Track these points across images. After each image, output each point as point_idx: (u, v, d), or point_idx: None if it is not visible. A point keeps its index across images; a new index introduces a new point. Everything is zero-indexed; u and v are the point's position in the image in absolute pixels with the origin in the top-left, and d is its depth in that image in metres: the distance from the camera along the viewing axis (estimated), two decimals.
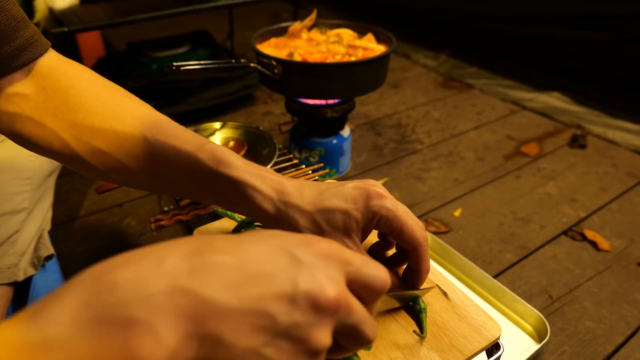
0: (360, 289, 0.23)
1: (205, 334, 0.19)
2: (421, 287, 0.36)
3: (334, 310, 0.21)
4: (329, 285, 0.21)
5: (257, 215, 0.34)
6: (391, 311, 0.38)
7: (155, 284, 0.18)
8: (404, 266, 0.38)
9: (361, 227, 0.33)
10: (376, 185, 0.34)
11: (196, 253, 0.20)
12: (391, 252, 0.39)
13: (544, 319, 0.62)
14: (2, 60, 0.35)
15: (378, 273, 0.23)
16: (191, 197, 0.39)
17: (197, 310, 0.18)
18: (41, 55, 0.37)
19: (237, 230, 0.44)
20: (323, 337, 0.21)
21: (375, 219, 0.33)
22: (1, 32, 0.34)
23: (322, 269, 0.22)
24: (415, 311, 0.38)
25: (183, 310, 0.18)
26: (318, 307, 0.20)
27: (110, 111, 0.36)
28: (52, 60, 0.38)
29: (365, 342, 0.23)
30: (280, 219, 0.33)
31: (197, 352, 0.19)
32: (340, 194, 0.33)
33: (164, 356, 0.17)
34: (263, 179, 0.34)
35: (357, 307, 0.22)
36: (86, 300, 0.17)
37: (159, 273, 0.19)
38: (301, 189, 0.34)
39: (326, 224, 0.33)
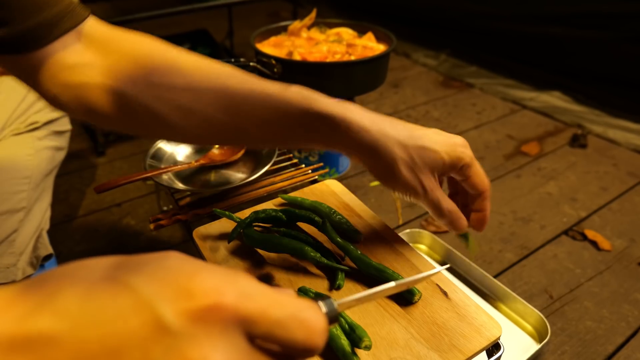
0: (282, 347, 0.17)
1: None
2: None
3: None
4: None
5: (352, 146, 0.35)
6: (390, 311, 0.38)
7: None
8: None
9: (445, 168, 0.37)
10: (459, 137, 0.38)
11: (28, 316, 0.15)
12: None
13: (545, 319, 0.62)
14: (44, 27, 0.33)
15: (298, 338, 0.17)
16: (279, 143, 0.39)
17: None
18: (82, 21, 0.36)
19: (236, 230, 0.44)
20: None
21: (458, 164, 0.37)
22: (39, 0, 0.33)
23: (197, 341, 0.15)
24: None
25: None
26: None
27: (185, 68, 0.36)
28: (101, 28, 0.37)
29: None
30: (376, 149, 0.35)
31: None
32: (430, 136, 0.36)
33: None
34: (356, 112, 0.35)
35: None
36: None
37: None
38: (393, 123, 0.36)
39: (420, 159, 0.36)
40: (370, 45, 0.83)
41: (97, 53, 0.36)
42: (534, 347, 0.61)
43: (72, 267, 0.17)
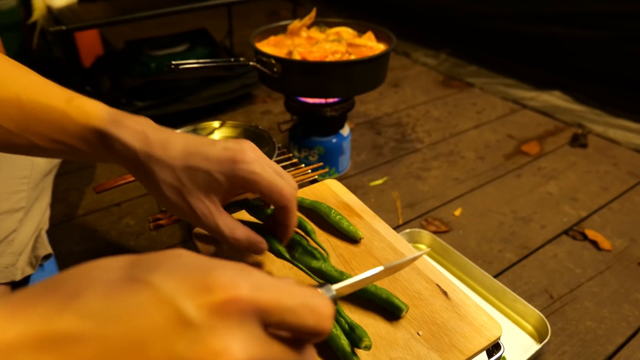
0: (293, 332, 0.19)
1: None
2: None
3: None
4: (223, 355, 0.16)
5: (122, 163, 0.35)
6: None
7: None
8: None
9: (224, 189, 0.34)
10: (246, 150, 0.34)
11: (50, 317, 0.15)
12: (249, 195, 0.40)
13: (545, 319, 0.61)
14: None
15: (309, 324, 0.18)
16: (75, 157, 0.38)
17: None
18: None
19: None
20: None
21: (241, 182, 0.33)
22: None
23: (219, 332, 0.16)
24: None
25: None
26: None
27: None
28: None
29: None
30: (140, 170, 0.34)
31: None
32: (206, 153, 0.33)
33: None
34: (126, 128, 0.34)
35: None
36: None
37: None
38: (166, 142, 0.34)
39: (188, 181, 0.33)
40: (370, 45, 0.83)
41: None
42: (534, 347, 0.61)
43: (86, 268, 0.18)
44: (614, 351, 0.62)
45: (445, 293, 0.40)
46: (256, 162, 0.33)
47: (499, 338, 0.37)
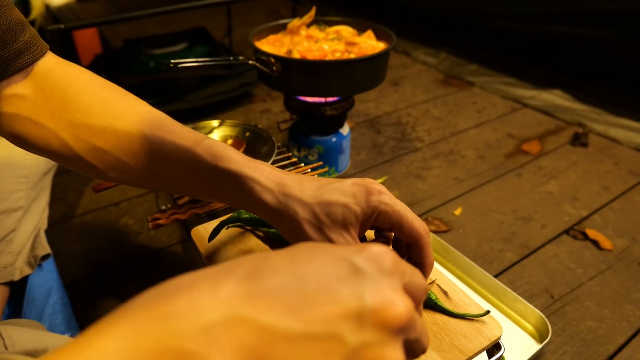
0: (410, 296, 0.22)
1: None
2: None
3: (405, 327, 0.19)
4: (398, 300, 0.19)
5: (257, 207, 0.34)
6: None
7: (212, 313, 0.16)
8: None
9: (360, 221, 0.34)
10: (375, 182, 0.34)
11: (252, 275, 0.18)
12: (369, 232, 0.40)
13: (545, 319, 0.61)
14: (1, 65, 0.35)
15: (422, 280, 0.23)
16: (190, 194, 0.39)
17: (259, 339, 0.17)
18: (39, 58, 0.37)
19: (216, 230, 0.44)
20: (396, 355, 0.19)
21: (374, 214, 0.34)
22: (1, 37, 0.34)
23: (386, 281, 0.20)
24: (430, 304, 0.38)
25: (243, 340, 0.16)
26: (389, 324, 0.19)
27: (109, 109, 0.37)
28: (49, 62, 0.38)
29: (421, 353, 0.23)
30: (280, 210, 0.34)
31: None
32: (339, 188, 0.34)
33: None
34: (262, 172, 0.34)
35: (419, 320, 0.22)
36: (138, 331, 0.16)
37: (215, 301, 0.17)
38: (301, 181, 0.34)
39: (326, 217, 0.33)
40: (370, 43, 0.83)
41: (33, 87, 0.37)
42: (534, 347, 0.61)
43: (250, 256, 0.20)
44: (615, 351, 0.62)
45: (445, 293, 0.40)
46: (387, 194, 0.34)
47: (499, 338, 0.37)
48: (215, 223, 0.47)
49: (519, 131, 1.16)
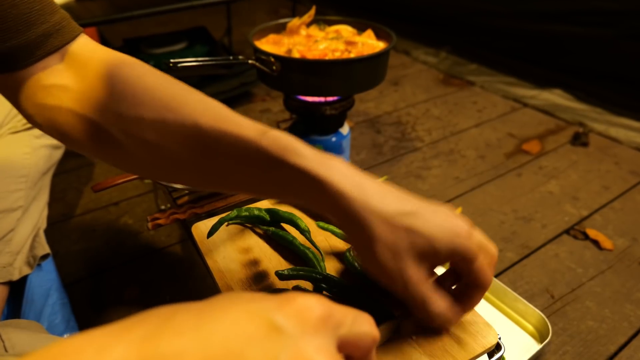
0: (351, 348, 0.20)
1: None
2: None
3: None
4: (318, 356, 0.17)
5: (328, 212, 0.30)
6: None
7: None
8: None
9: (439, 261, 0.31)
10: (464, 223, 0.31)
11: (150, 337, 0.16)
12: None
13: (546, 319, 0.61)
14: (27, 47, 0.32)
15: (367, 329, 0.21)
16: (249, 191, 0.34)
17: None
18: (70, 41, 0.34)
19: (215, 227, 0.44)
20: None
21: (455, 259, 0.31)
22: (25, 18, 0.31)
23: (309, 340, 0.17)
24: None
25: None
26: None
27: (159, 99, 0.32)
28: (88, 49, 0.35)
29: None
30: (356, 221, 0.29)
31: None
32: (427, 217, 0.30)
33: None
34: (337, 171, 0.29)
35: None
36: None
37: None
38: (383, 192, 0.30)
39: (405, 244, 0.29)
40: (370, 43, 0.83)
41: (74, 76, 0.34)
42: (535, 347, 0.61)
43: (165, 306, 0.18)
44: (616, 351, 0.61)
45: None
46: (473, 238, 0.31)
47: (494, 346, 0.36)
48: (215, 220, 0.47)
49: (519, 131, 1.15)
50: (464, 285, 0.33)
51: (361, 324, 0.20)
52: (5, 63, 0.32)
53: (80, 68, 0.34)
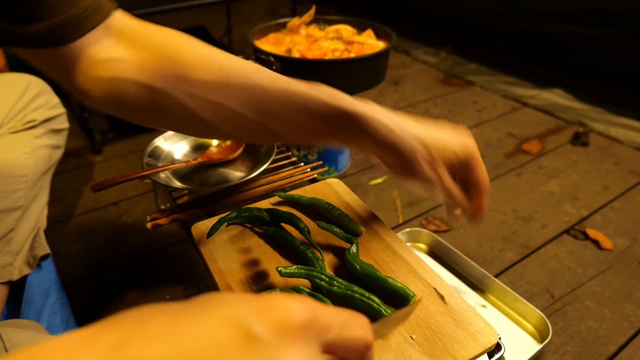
0: (343, 352, 0.20)
1: None
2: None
3: None
4: None
5: (375, 144, 0.38)
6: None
7: None
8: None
9: (458, 162, 0.40)
10: (470, 136, 0.41)
11: (120, 345, 0.15)
12: None
13: (546, 319, 0.61)
14: (73, 22, 0.33)
15: (359, 334, 0.20)
16: (306, 139, 0.40)
17: None
18: (108, 15, 0.36)
19: (215, 227, 0.44)
20: None
21: (467, 162, 0.40)
22: None
23: (287, 348, 0.17)
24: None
25: None
26: None
27: (216, 64, 0.36)
28: (131, 21, 0.37)
29: None
30: (399, 146, 0.37)
31: None
32: (448, 135, 0.40)
33: None
34: (378, 110, 0.38)
35: None
36: None
37: None
38: (410, 121, 0.39)
39: (437, 155, 0.38)
40: (369, 43, 0.83)
41: (128, 48, 0.36)
42: (535, 347, 0.61)
43: (143, 308, 0.18)
44: (616, 351, 0.61)
45: (442, 297, 0.40)
46: (477, 148, 0.41)
47: (494, 345, 0.36)
48: (215, 220, 0.46)
49: (519, 130, 1.15)
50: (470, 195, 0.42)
51: (352, 329, 0.20)
52: (55, 38, 0.34)
53: (131, 41, 0.36)
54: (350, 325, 0.20)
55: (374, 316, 0.37)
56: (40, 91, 0.68)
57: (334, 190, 0.53)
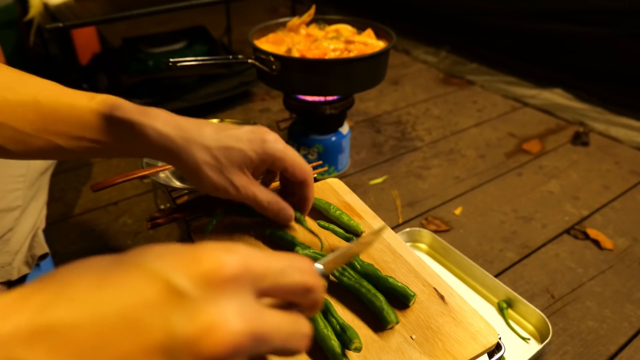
0: (284, 295, 0.20)
1: None
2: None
3: (236, 353, 0.16)
4: (222, 323, 0.16)
5: (156, 152, 0.37)
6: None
7: None
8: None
9: (255, 165, 0.38)
10: (269, 132, 0.39)
11: (44, 307, 0.16)
12: (275, 184, 0.46)
13: (546, 319, 0.61)
14: None
15: (297, 279, 0.19)
16: (89, 153, 0.39)
17: None
18: None
19: (211, 223, 0.44)
20: None
21: (269, 160, 0.38)
22: None
23: (214, 301, 0.16)
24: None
25: None
26: (210, 355, 0.15)
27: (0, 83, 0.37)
28: None
29: (295, 354, 0.20)
30: (179, 153, 0.36)
31: None
32: (238, 135, 0.37)
33: None
34: (158, 118, 0.36)
35: (273, 331, 0.18)
36: None
37: None
38: (200, 126, 0.37)
39: (225, 159, 0.36)
40: (369, 42, 0.82)
41: None
42: (535, 347, 0.60)
43: (77, 263, 0.18)
44: (616, 351, 0.61)
45: (442, 297, 0.39)
46: (280, 142, 0.38)
47: (494, 345, 0.36)
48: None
49: (519, 130, 1.15)
50: (296, 186, 0.41)
51: (290, 274, 0.19)
52: None
53: None
54: (288, 271, 0.19)
55: (377, 314, 0.37)
56: None
57: (333, 189, 0.53)
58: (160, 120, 0.36)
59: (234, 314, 0.16)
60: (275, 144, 0.38)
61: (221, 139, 0.37)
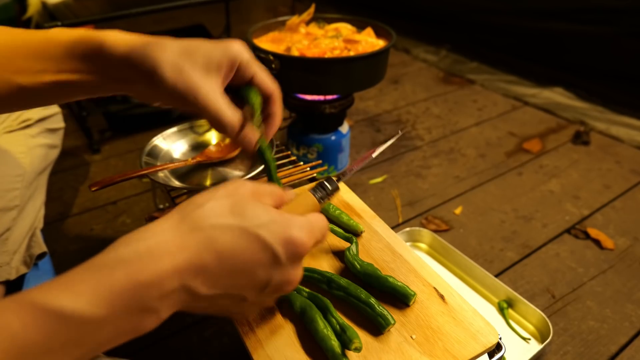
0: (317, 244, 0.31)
1: (191, 299, 0.27)
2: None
3: (289, 287, 0.30)
4: (293, 281, 0.29)
5: (116, 68, 0.34)
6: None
7: (171, 281, 0.25)
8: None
9: (221, 66, 0.35)
10: (238, 41, 0.37)
11: (199, 252, 0.26)
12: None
13: (547, 319, 0.61)
14: None
15: (322, 237, 0.31)
16: (54, 93, 0.37)
17: (193, 298, 0.27)
18: None
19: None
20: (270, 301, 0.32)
21: (235, 62, 0.35)
22: None
23: (293, 267, 0.29)
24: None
25: (183, 299, 0.27)
26: (283, 290, 0.30)
27: None
28: None
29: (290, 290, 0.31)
30: (135, 57, 0.33)
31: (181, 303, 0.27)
32: (203, 41, 0.35)
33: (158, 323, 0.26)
34: (115, 33, 0.35)
35: (295, 275, 0.30)
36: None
37: (174, 273, 0.26)
38: (160, 37, 0.35)
39: (188, 60, 0.33)
40: (369, 41, 0.82)
41: None
42: (535, 347, 0.60)
43: (212, 212, 0.28)
44: (617, 351, 0.61)
45: (442, 297, 0.39)
46: (247, 50, 0.37)
47: (494, 345, 0.36)
48: None
49: (520, 129, 1.15)
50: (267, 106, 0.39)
51: (324, 239, 0.31)
52: None
53: None
54: (325, 234, 0.32)
55: (372, 320, 0.37)
56: None
57: None
58: (120, 35, 0.35)
59: (300, 274, 0.30)
60: (241, 48, 0.36)
61: (185, 44, 0.34)
